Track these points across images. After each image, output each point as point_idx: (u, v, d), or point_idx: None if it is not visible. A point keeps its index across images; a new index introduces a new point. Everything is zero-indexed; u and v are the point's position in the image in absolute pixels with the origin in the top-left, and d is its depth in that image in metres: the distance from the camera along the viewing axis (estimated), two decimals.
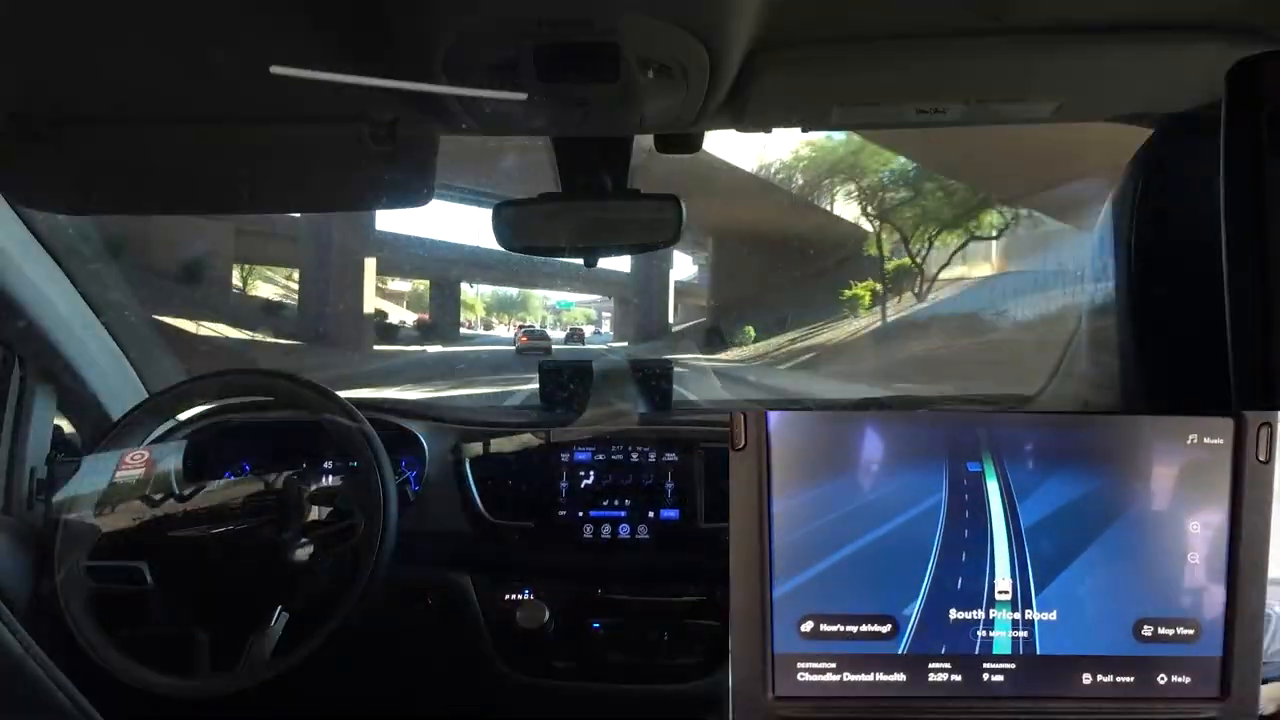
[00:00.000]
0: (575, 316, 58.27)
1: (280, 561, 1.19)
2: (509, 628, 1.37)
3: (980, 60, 0.88)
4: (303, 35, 0.80)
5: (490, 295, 51.26)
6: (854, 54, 0.86)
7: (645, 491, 1.42)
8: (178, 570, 1.18)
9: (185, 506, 1.20)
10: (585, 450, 1.46)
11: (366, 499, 1.22)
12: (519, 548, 1.42)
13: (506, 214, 1.20)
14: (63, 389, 1.46)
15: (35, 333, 1.36)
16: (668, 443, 1.45)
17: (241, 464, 1.53)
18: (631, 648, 1.36)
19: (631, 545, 1.40)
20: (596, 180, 1.15)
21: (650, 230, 1.21)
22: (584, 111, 0.96)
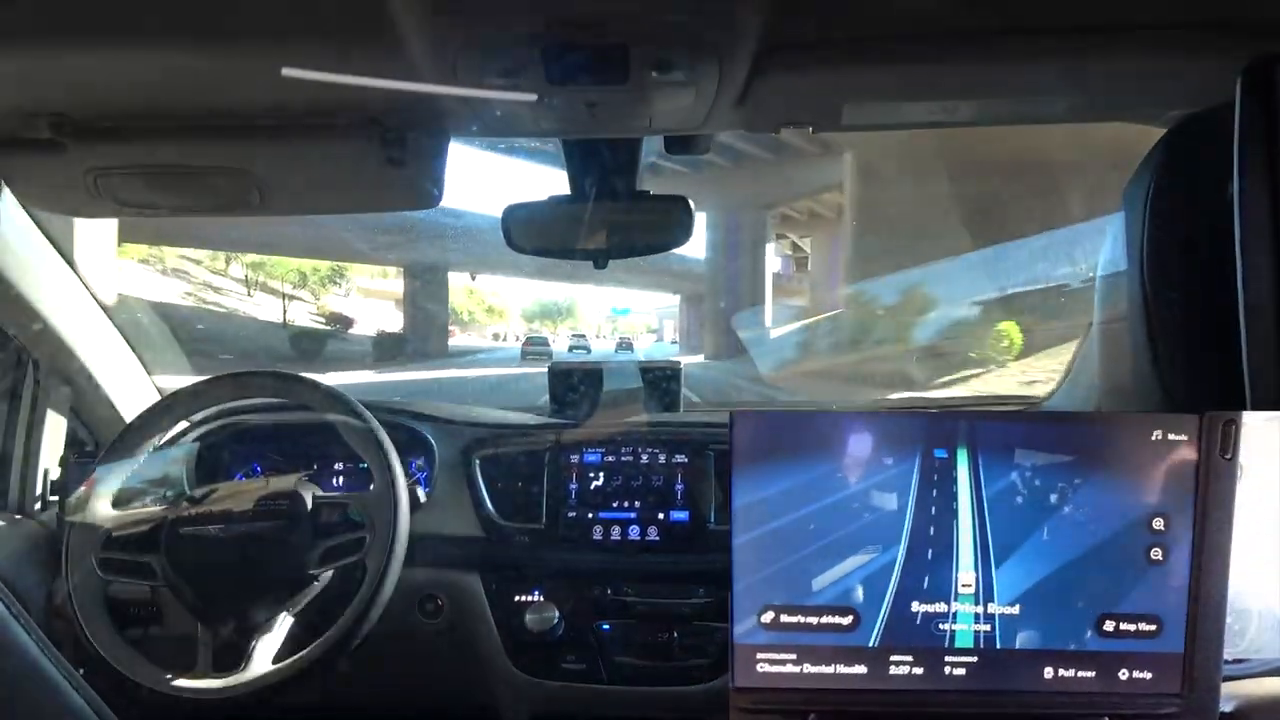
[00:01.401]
0: (633, 326, 54.60)
1: (288, 566, 1.19)
2: (519, 629, 1.37)
3: (992, 60, 0.87)
4: (314, 39, 0.81)
5: (534, 304, 49.65)
6: (864, 54, 0.86)
7: (655, 493, 1.42)
8: (187, 568, 1.18)
9: (196, 507, 1.20)
10: (595, 452, 1.46)
11: (378, 511, 1.22)
12: (529, 549, 1.42)
13: (517, 215, 1.20)
14: (76, 390, 1.47)
15: (50, 335, 1.37)
16: (677, 444, 1.45)
17: (253, 465, 1.55)
18: (641, 650, 1.36)
19: (641, 547, 1.40)
20: (606, 182, 1.16)
21: (660, 231, 1.22)
22: (593, 113, 0.96)
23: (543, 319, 48.21)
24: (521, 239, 1.21)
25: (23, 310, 1.31)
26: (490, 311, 39.41)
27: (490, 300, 40.24)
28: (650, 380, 1.63)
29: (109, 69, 0.85)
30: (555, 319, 48.45)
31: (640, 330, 46.78)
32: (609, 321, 51.70)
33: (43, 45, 0.80)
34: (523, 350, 23.31)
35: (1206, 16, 0.80)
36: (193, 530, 1.19)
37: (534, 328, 42.58)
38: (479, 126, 1.02)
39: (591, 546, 1.41)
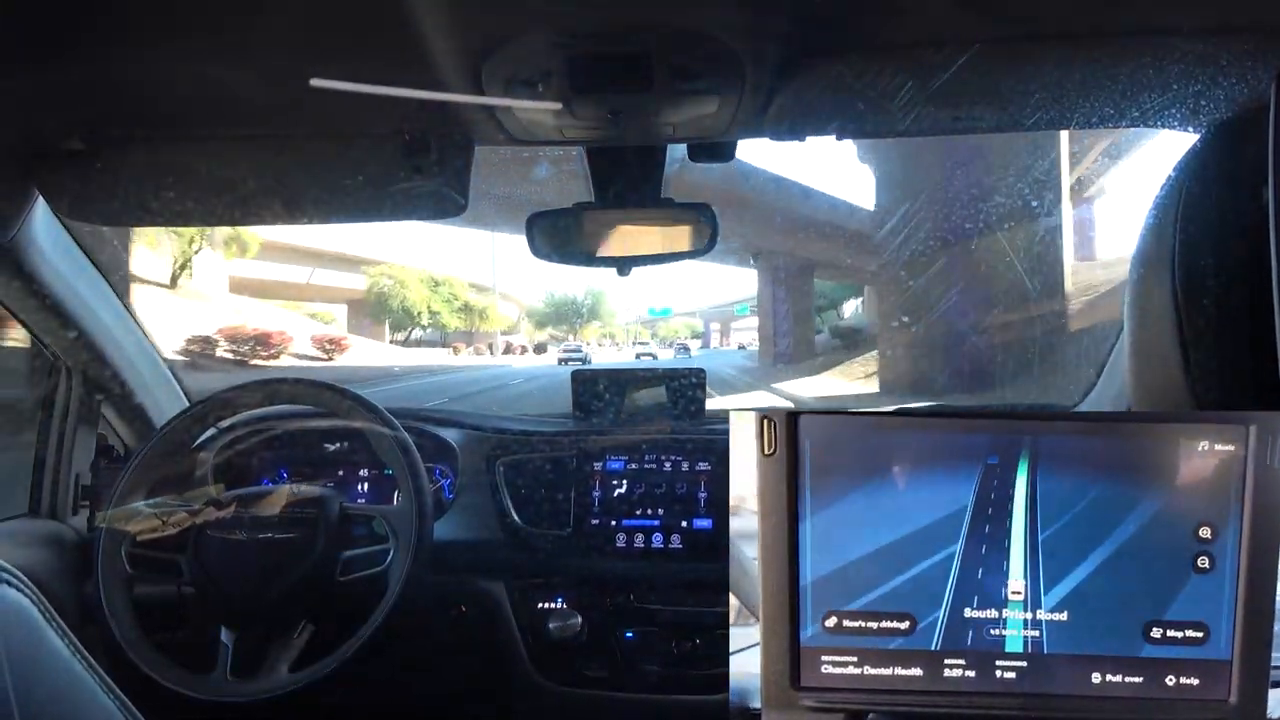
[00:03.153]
0: (676, 331, 48.13)
1: (312, 574, 1.20)
2: (542, 636, 1.37)
3: (1019, 67, 0.86)
4: (340, 50, 0.82)
5: (545, 301, 42.99)
6: (889, 62, 0.85)
7: (678, 501, 1.42)
8: (213, 570, 1.20)
9: (225, 511, 1.22)
10: (618, 459, 1.46)
11: (402, 525, 1.23)
12: (552, 556, 1.42)
13: (540, 224, 1.21)
14: (108, 397, 1.49)
15: (83, 343, 1.39)
16: (701, 451, 1.45)
17: (280, 471, 1.56)
18: (664, 658, 1.36)
19: (665, 554, 1.40)
20: (630, 189, 1.16)
21: (684, 239, 1.21)
22: (616, 121, 0.96)
23: (558, 323, 42.90)
24: (545, 247, 1.22)
25: (57, 319, 1.33)
26: (468, 311, 31.15)
27: (474, 298, 31.65)
28: (674, 387, 1.63)
29: (140, 81, 0.87)
30: (573, 322, 43.29)
31: (686, 335, 43.38)
32: (645, 326, 47.35)
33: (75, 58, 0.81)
34: (559, 359, 23.72)
35: (1238, 20, 0.79)
36: (220, 534, 1.21)
37: (553, 335, 40.05)
38: (503, 135, 1.02)
39: (615, 554, 1.41)
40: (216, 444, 1.54)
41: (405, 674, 1.44)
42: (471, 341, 34.18)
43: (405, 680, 1.44)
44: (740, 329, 62.07)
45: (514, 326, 42.54)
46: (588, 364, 20.44)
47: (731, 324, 61.42)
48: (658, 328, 49.57)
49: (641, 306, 39.56)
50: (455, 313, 30.77)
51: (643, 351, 34.57)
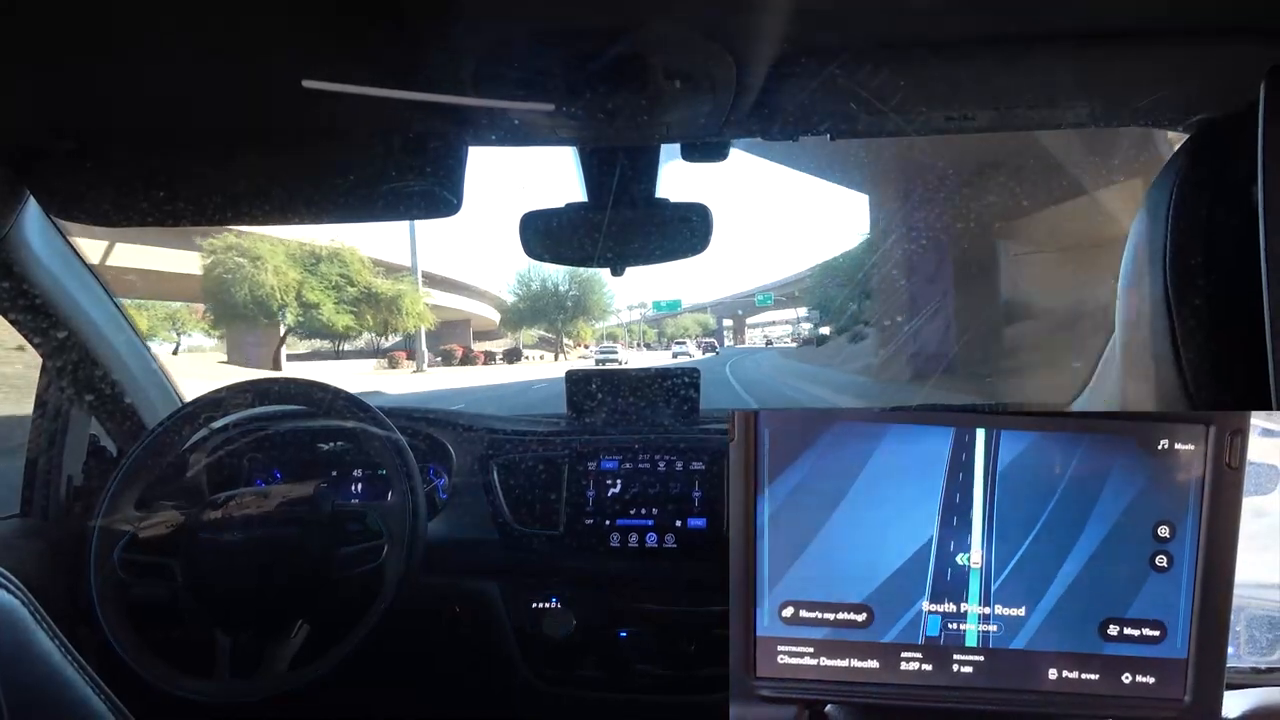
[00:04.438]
0: (686, 326, 44.25)
1: (305, 573, 1.20)
2: (535, 636, 1.37)
3: (1011, 66, 0.87)
4: (334, 50, 0.82)
5: (518, 290, 35.59)
6: (882, 61, 0.85)
7: (672, 500, 1.42)
8: (206, 573, 1.20)
9: (217, 513, 1.21)
10: (612, 459, 1.46)
11: (396, 521, 1.23)
12: (546, 556, 1.42)
13: (534, 223, 1.21)
14: (99, 398, 1.49)
15: (73, 343, 1.38)
16: (695, 451, 1.45)
17: (273, 472, 1.56)
18: (658, 658, 1.36)
19: (659, 554, 1.40)
20: (623, 189, 1.16)
21: (679, 239, 1.21)
22: (611, 121, 0.96)
23: (534, 320, 36.31)
24: (538, 246, 1.22)
25: (47, 319, 1.33)
26: (371, 303, 20.72)
27: (383, 282, 21.24)
28: (668, 387, 1.63)
29: (131, 81, 0.86)
30: (554, 319, 35.91)
31: (696, 331, 40.53)
32: (650, 325, 43.73)
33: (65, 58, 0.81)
34: (597, 360, 23.51)
35: (1229, 20, 0.79)
36: (212, 535, 1.20)
37: (545, 336, 36.92)
38: (496, 135, 1.02)
39: (609, 553, 1.41)
40: (208, 444, 1.53)
41: (399, 675, 1.44)
42: (439, 345, 28.15)
43: (399, 681, 1.44)
44: (755, 324, 58.91)
45: (494, 328, 38.13)
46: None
47: (745, 319, 58.48)
48: (664, 325, 45.06)
49: (641, 298, 37.14)
50: (343, 306, 20.38)
51: (680, 351, 34.06)
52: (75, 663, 0.66)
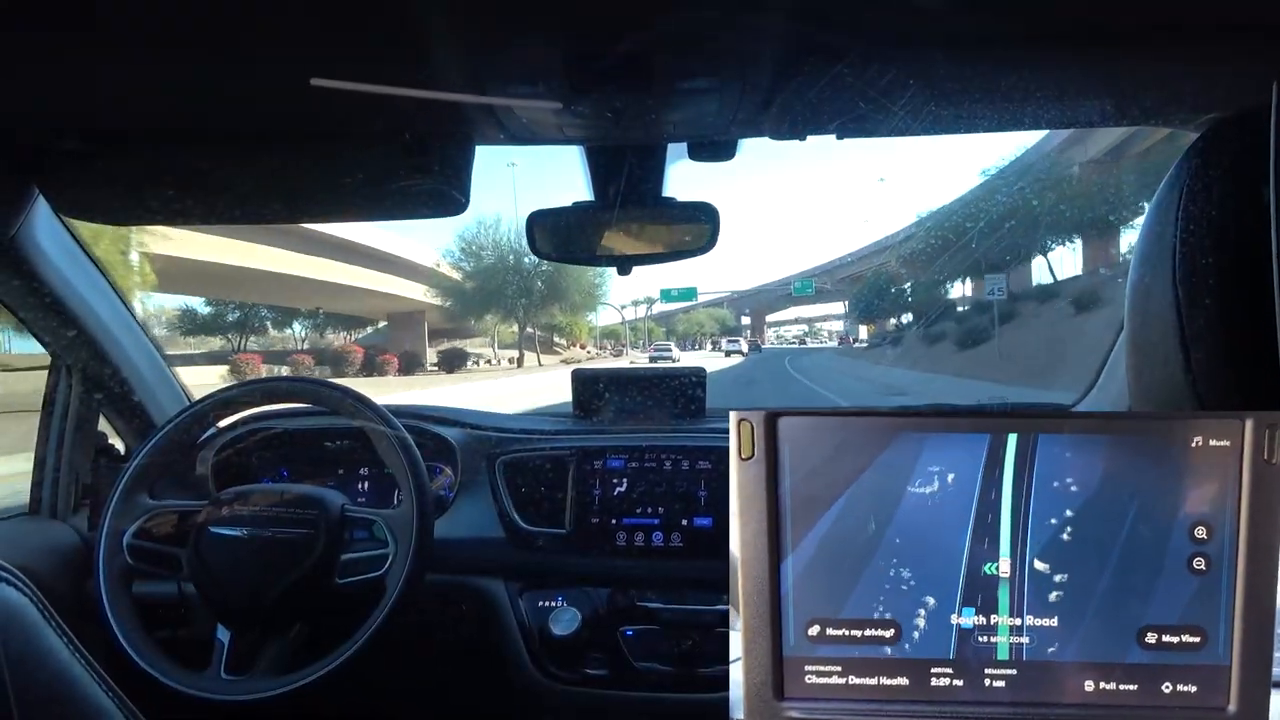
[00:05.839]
0: (701, 322, 37.34)
1: (309, 575, 1.19)
2: (541, 634, 1.37)
3: (1021, 65, 0.86)
4: (339, 49, 0.81)
5: (461, 262, 23.89)
6: (890, 60, 0.85)
7: (678, 499, 1.42)
8: (212, 566, 1.19)
9: (226, 508, 1.21)
10: (618, 458, 1.46)
11: (403, 531, 1.22)
12: (552, 555, 1.42)
13: (542, 222, 1.21)
14: (109, 396, 1.50)
15: (83, 342, 1.39)
16: (701, 450, 1.45)
17: (280, 471, 1.56)
18: (664, 656, 1.35)
19: (665, 553, 1.40)
20: (629, 188, 1.15)
21: (685, 238, 1.21)
22: (616, 120, 0.96)
23: (486, 306, 26.32)
24: (545, 245, 1.22)
25: (57, 318, 1.33)
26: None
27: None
28: (675, 386, 1.63)
29: (138, 80, 0.87)
30: (518, 308, 26.26)
31: (708, 328, 35.20)
32: (658, 323, 37.11)
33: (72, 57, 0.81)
34: (651, 359, 21.77)
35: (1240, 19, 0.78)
36: (221, 530, 1.20)
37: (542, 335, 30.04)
38: (502, 134, 1.02)
39: (615, 552, 1.41)
40: (217, 443, 1.54)
41: (405, 673, 1.44)
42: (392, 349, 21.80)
43: (405, 679, 1.45)
44: (775, 322, 51.08)
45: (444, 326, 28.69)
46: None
47: (765, 316, 52.41)
48: (675, 322, 38.67)
49: (645, 291, 31.09)
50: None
51: (733, 349, 31.01)
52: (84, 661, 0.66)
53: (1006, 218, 18.73)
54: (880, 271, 30.70)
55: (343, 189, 1.12)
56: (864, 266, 37.38)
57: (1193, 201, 0.75)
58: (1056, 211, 18.16)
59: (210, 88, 0.88)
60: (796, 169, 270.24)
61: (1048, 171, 19.03)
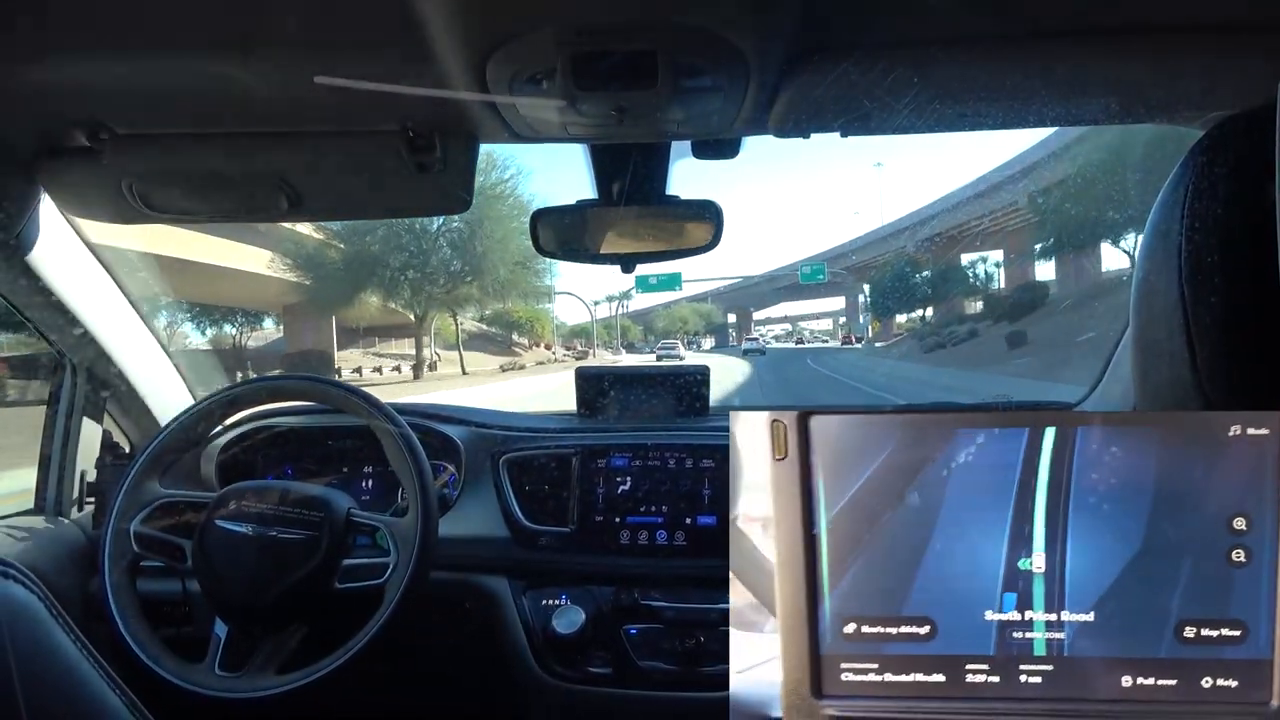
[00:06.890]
0: (685, 318, 33.67)
1: (310, 577, 1.19)
2: (545, 633, 1.37)
3: (1025, 62, 0.86)
4: (344, 47, 0.81)
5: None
6: (894, 58, 0.85)
7: (682, 498, 1.42)
8: (215, 560, 1.18)
9: (231, 505, 1.21)
10: (622, 456, 1.46)
11: (405, 540, 1.22)
12: (555, 553, 1.42)
13: (546, 219, 1.21)
14: (114, 395, 1.50)
15: (88, 340, 1.39)
16: (705, 448, 1.45)
17: (285, 469, 1.56)
18: (668, 654, 1.35)
19: (668, 551, 1.40)
20: (634, 186, 1.15)
21: (689, 236, 1.21)
22: (621, 118, 0.96)
23: (360, 285, 18.86)
24: (549, 243, 1.22)
25: (62, 316, 1.34)
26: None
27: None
28: (679, 384, 1.63)
29: (144, 79, 0.87)
30: (422, 291, 19.20)
31: (693, 324, 32.02)
32: (635, 320, 32.76)
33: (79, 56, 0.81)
34: (658, 357, 21.34)
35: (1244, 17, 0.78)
36: (227, 524, 1.20)
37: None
38: (507, 132, 1.02)
39: (619, 550, 1.41)
40: (222, 441, 1.54)
41: (408, 671, 1.44)
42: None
43: (408, 677, 1.45)
44: (761, 320, 46.93)
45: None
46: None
47: (752, 314, 49.34)
48: (654, 319, 34.59)
49: (621, 286, 26.26)
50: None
51: (751, 348, 29.25)
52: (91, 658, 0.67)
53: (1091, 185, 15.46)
54: (902, 254, 28.28)
55: (348, 187, 1.12)
56: (876, 253, 34.03)
57: (1198, 199, 0.74)
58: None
59: (214, 86, 0.88)
60: (794, 160, 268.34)
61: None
